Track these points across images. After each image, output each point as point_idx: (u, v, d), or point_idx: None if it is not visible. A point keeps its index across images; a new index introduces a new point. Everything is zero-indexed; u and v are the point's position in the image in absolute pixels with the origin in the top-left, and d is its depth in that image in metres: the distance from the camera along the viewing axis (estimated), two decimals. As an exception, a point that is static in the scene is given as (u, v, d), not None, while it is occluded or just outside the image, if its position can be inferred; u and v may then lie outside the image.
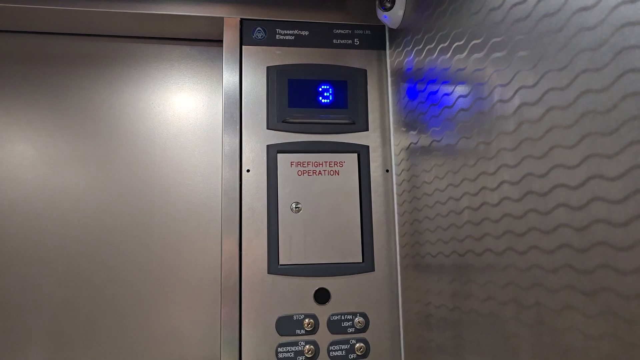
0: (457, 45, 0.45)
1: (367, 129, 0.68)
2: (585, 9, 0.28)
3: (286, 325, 0.62)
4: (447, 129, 0.48)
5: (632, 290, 0.25)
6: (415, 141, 0.58)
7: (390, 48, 0.69)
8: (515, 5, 0.35)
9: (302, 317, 0.62)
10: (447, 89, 0.48)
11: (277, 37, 0.69)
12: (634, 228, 0.25)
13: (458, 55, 0.45)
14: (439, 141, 0.50)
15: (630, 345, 0.25)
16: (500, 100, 0.38)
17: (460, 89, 0.45)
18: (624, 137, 0.25)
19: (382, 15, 0.65)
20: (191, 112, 0.75)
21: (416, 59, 0.57)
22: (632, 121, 0.24)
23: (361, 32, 0.71)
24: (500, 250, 0.38)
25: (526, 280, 0.35)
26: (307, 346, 0.61)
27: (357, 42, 0.71)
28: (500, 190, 0.38)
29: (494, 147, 0.39)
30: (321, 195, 0.65)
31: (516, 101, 0.36)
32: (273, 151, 0.66)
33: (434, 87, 0.52)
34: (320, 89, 0.68)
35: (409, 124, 0.60)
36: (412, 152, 0.59)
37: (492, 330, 0.40)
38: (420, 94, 0.55)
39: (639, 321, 0.24)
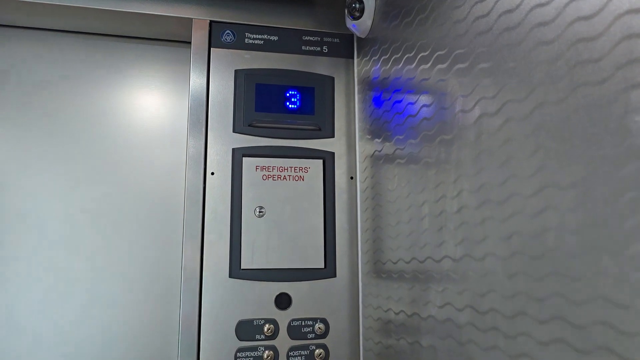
0: (422, 56, 0.46)
1: (333, 136, 0.69)
2: (543, 24, 0.29)
3: (246, 330, 0.61)
4: (410, 138, 0.49)
5: (582, 296, 0.26)
6: (379, 149, 0.58)
7: (358, 57, 0.70)
8: (478, 18, 0.36)
9: (262, 322, 0.62)
10: (411, 98, 0.49)
11: (246, 41, 0.69)
12: (584, 235, 0.25)
13: (423, 66, 0.46)
14: (402, 149, 0.51)
15: (579, 350, 0.26)
16: (462, 111, 0.39)
17: (424, 99, 0.46)
18: (576, 148, 0.26)
19: (351, 24, 0.66)
20: (156, 113, 0.74)
21: (383, 68, 0.58)
22: (584, 133, 0.25)
23: (330, 39, 0.72)
24: (458, 257, 0.39)
25: (482, 287, 0.35)
26: (267, 351, 0.61)
27: (325, 50, 0.71)
28: (459, 198, 0.39)
29: (455, 156, 0.40)
30: (285, 200, 0.65)
31: (476, 112, 0.36)
32: (238, 155, 0.65)
33: (399, 96, 0.52)
34: (287, 95, 0.68)
35: (374, 132, 0.61)
36: (377, 159, 0.59)
37: (449, 337, 0.40)
38: (386, 102, 0.56)
39: (587, 326, 0.25)
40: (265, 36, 0.70)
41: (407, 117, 0.50)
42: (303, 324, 0.63)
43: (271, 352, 0.61)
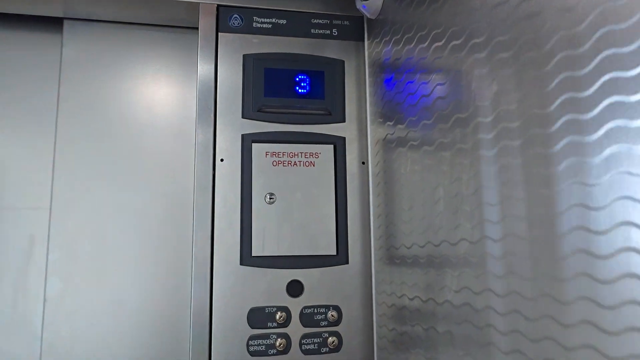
0: (436, 33, 0.45)
1: (343, 120, 0.67)
2: (565, -10, 0.27)
3: (258, 317, 0.60)
4: (424, 119, 0.47)
5: (608, 275, 0.24)
6: (392, 132, 0.57)
7: (368, 39, 0.68)
8: (495, -11, 0.35)
9: (274, 309, 0.61)
10: (424, 77, 0.47)
11: (254, 25, 0.68)
12: (609, 212, 0.24)
13: (436, 43, 0.45)
14: (415, 131, 0.50)
15: (608, 332, 0.24)
16: (479, 87, 0.37)
17: (438, 77, 0.44)
18: (603, 119, 0.25)
19: (361, 5, 0.64)
20: (164, 100, 0.73)
21: (394, 49, 0.56)
22: (611, 103, 0.24)
23: (340, 22, 0.70)
24: (475, 239, 0.38)
25: (501, 269, 0.34)
26: (279, 339, 0.60)
27: (335, 33, 0.70)
28: (476, 179, 0.38)
29: (471, 135, 0.38)
30: (296, 186, 0.64)
31: (494, 87, 0.35)
32: (248, 141, 0.64)
33: (411, 77, 0.51)
34: (297, 79, 0.67)
35: (385, 115, 0.59)
36: (389, 143, 0.58)
37: (466, 321, 0.39)
38: (398, 84, 0.55)
39: (613, 306, 0.24)
40: (274, 20, 0.69)
41: (420, 98, 0.48)
42: (315, 311, 0.62)
43: (283, 339, 0.60)
